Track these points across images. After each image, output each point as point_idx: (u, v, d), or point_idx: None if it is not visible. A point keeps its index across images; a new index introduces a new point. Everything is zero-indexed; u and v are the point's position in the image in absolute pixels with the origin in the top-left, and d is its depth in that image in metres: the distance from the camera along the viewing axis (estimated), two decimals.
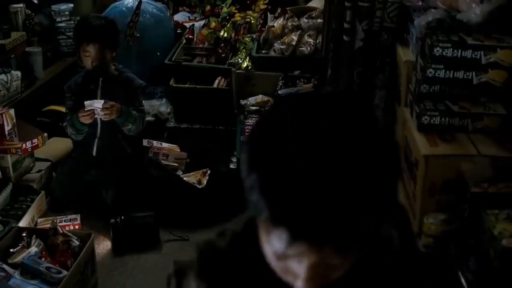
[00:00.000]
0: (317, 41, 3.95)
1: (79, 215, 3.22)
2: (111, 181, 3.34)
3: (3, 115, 3.08)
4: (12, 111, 3.16)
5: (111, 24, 3.34)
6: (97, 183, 3.38)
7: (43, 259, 2.55)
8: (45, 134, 3.35)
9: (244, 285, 0.91)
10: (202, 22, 4.97)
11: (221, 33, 4.58)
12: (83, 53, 3.23)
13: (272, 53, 4.15)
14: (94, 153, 3.39)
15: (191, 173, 3.59)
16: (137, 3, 4.37)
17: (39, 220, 3.17)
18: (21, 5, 4.11)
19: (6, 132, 3.10)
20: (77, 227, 3.14)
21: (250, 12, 4.97)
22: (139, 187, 3.36)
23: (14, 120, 3.16)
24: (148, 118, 4.02)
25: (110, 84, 3.31)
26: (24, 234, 2.71)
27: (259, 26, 4.72)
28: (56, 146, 3.68)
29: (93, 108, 3.15)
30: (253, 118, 3.65)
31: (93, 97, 3.27)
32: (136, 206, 3.24)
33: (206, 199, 3.38)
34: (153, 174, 3.39)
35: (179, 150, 3.79)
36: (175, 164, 3.66)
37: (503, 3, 1.87)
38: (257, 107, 3.78)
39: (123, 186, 3.34)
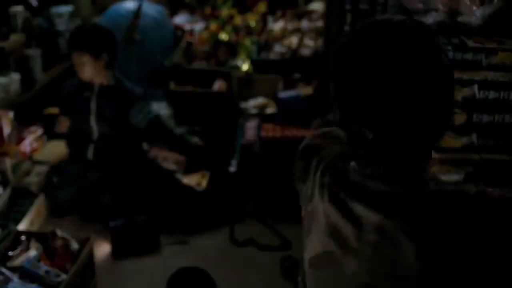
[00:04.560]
0: (317, 43, 3.94)
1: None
2: (109, 184, 3.33)
3: (2, 118, 3.08)
4: (11, 114, 3.15)
5: (95, 31, 3.31)
6: (96, 187, 3.37)
7: (42, 262, 2.54)
8: (44, 138, 3.35)
9: None
10: (202, 25, 4.97)
11: (221, 36, 4.58)
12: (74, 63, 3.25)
13: (272, 56, 4.14)
14: (89, 157, 3.37)
15: (190, 176, 3.58)
16: (137, 5, 4.36)
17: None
18: (20, 7, 4.11)
19: (5, 135, 3.09)
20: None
21: (250, 14, 4.97)
22: (138, 190, 3.35)
23: (13, 123, 3.16)
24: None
25: (106, 92, 3.29)
26: (23, 238, 2.70)
27: (259, 28, 4.72)
28: (55, 150, 3.67)
29: None
30: (253, 121, 3.65)
31: (87, 103, 3.29)
32: (135, 210, 3.23)
33: (206, 202, 3.37)
34: (152, 177, 3.39)
35: (178, 153, 3.78)
36: (175, 167, 3.65)
37: (504, 6, 1.86)
38: (257, 110, 3.78)
39: (122, 189, 3.33)
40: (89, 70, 3.20)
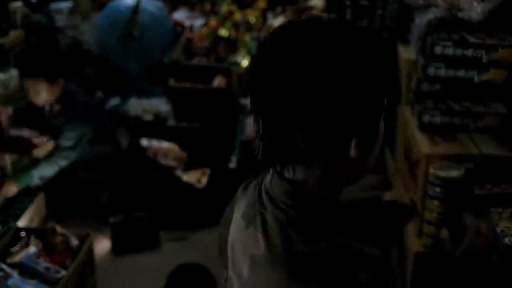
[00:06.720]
0: None
1: None
2: (106, 183, 3.32)
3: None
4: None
5: (49, 55, 3.34)
6: (91, 184, 3.36)
7: (41, 259, 2.54)
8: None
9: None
10: (202, 21, 4.96)
11: (221, 32, 4.57)
12: None
13: None
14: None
15: (190, 173, 3.58)
16: (136, 1, 4.35)
17: None
18: (20, 3, 4.10)
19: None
20: None
21: (250, 10, 4.96)
22: (138, 187, 3.35)
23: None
24: (147, 117, 4.04)
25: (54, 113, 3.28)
26: (23, 234, 2.70)
27: (259, 24, 4.71)
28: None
29: None
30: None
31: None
32: (135, 206, 3.23)
33: (206, 198, 3.37)
34: (152, 174, 3.38)
35: (178, 149, 3.78)
36: (175, 164, 3.65)
37: (505, 2, 1.86)
38: None
39: (120, 186, 3.33)
40: (44, 96, 3.16)
